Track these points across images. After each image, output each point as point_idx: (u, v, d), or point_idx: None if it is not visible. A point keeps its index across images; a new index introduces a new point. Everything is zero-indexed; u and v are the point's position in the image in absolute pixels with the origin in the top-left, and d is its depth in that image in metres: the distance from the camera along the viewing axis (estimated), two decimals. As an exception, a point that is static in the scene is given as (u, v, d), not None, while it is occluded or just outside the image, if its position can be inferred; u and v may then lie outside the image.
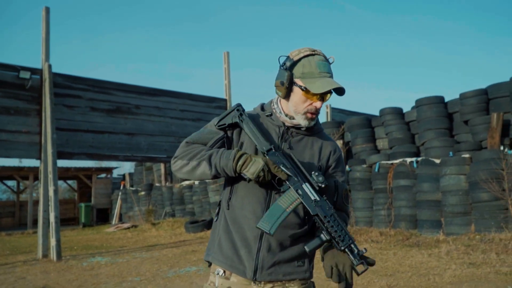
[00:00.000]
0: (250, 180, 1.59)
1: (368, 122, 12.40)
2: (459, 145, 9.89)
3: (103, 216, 20.82)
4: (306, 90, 1.64)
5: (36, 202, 15.52)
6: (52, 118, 9.35)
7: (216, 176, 1.65)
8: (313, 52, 1.68)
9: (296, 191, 1.59)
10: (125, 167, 30.58)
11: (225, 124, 1.73)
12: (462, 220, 8.63)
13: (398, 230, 9.43)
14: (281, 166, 1.59)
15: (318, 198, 1.57)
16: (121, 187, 21.05)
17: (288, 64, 1.69)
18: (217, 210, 1.83)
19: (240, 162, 1.58)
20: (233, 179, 1.73)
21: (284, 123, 1.76)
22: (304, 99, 1.68)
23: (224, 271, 1.71)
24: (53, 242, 8.64)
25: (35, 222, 15.13)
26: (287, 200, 1.58)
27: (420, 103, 10.92)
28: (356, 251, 1.51)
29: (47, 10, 9.50)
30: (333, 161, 1.81)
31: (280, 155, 1.63)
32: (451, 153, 9.80)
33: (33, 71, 9.54)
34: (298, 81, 1.68)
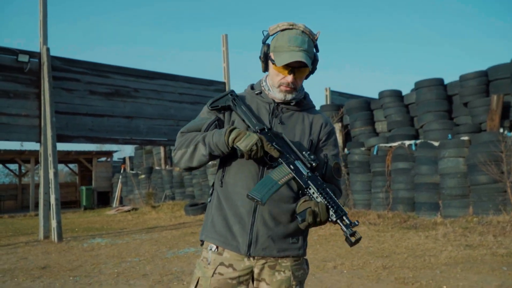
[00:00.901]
0: (242, 155, 1.59)
1: (367, 105, 12.38)
2: (458, 128, 9.89)
3: (104, 199, 20.96)
4: (274, 63, 1.67)
5: (37, 185, 15.61)
6: (51, 102, 9.35)
7: (212, 156, 1.65)
8: (291, 27, 1.68)
9: (288, 166, 1.59)
10: (125, 151, 30.70)
11: (218, 106, 1.75)
12: (460, 203, 8.67)
13: (396, 213, 9.49)
14: (273, 144, 1.60)
15: (309, 174, 1.58)
16: (122, 171, 21.14)
17: (265, 38, 1.73)
18: (210, 191, 1.84)
19: (232, 135, 1.58)
20: (226, 159, 1.73)
21: (274, 100, 1.76)
22: (276, 72, 1.70)
23: (217, 247, 1.71)
24: (54, 223, 8.73)
25: (37, 205, 15.25)
26: (279, 174, 1.58)
27: (419, 85, 10.88)
28: (348, 222, 1.51)
29: (44, -8, 9.41)
30: (324, 135, 1.81)
31: (273, 134, 1.64)
32: (450, 135, 9.80)
33: (32, 54, 9.50)
34: (271, 54, 1.70)
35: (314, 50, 1.73)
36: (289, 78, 1.68)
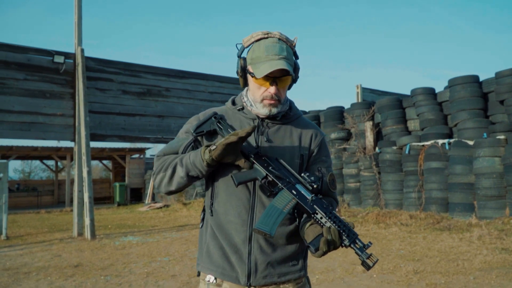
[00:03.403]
0: (240, 182, 1.51)
1: (399, 102, 12.12)
2: (494, 126, 9.54)
3: (136, 196, 21.42)
4: (254, 76, 1.57)
5: (73, 181, 16.12)
6: (85, 101, 9.60)
7: (190, 177, 1.56)
8: (266, 36, 1.59)
9: (290, 191, 1.50)
10: (158, 148, 31.14)
11: (203, 131, 1.63)
12: (496, 204, 8.40)
13: (428, 213, 9.28)
14: (270, 169, 1.52)
15: (313, 197, 1.49)
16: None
17: (241, 51, 1.63)
18: (201, 216, 1.74)
19: (211, 147, 1.49)
20: (213, 181, 1.64)
21: (258, 116, 1.65)
22: (257, 86, 1.59)
23: (216, 278, 1.63)
24: (87, 221, 8.98)
25: (72, 200, 15.74)
26: (283, 201, 1.49)
27: (453, 83, 10.56)
28: (361, 245, 1.43)
29: (78, -5, 9.65)
30: (315, 147, 1.71)
31: (267, 158, 1.55)
32: (485, 134, 9.48)
33: (67, 55, 9.78)
34: (249, 67, 1.61)
35: (294, 58, 1.63)
36: (272, 89, 1.57)
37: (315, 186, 1.50)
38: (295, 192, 1.50)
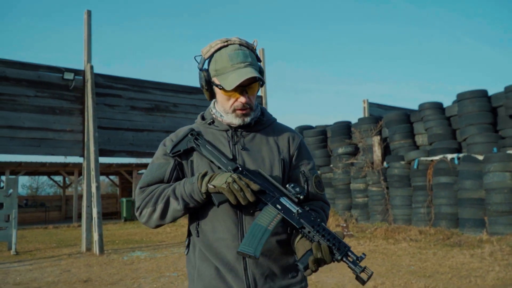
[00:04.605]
0: (220, 202, 1.42)
1: (406, 117, 12.12)
2: (504, 141, 9.51)
3: (143, 211, 21.37)
4: (222, 89, 1.50)
5: (80, 197, 16.15)
6: (94, 117, 9.68)
7: (187, 208, 1.49)
8: (225, 43, 1.52)
9: (275, 206, 1.43)
10: (164, 163, 31.18)
11: (179, 150, 1.56)
12: (508, 219, 8.31)
13: (438, 229, 9.20)
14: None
15: (300, 210, 1.42)
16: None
17: (202, 63, 1.57)
18: (186, 242, 1.64)
19: (206, 178, 1.43)
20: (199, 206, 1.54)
21: (230, 126, 1.59)
22: (226, 97, 1.53)
23: None
24: (95, 236, 8.97)
25: (80, 216, 15.76)
26: (267, 218, 1.41)
27: (462, 97, 10.56)
28: (354, 258, 1.34)
29: (89, 13, 9.81)
30: (295, 150, 1.64)
31: (248, 172, 1.48)
32: (495, 149, 9.44)
33: (76, 72, 9.90)
34: (214, 79, 1.54)
35: (257, 62, 1.57)
36: (243, 99, 1.51)
37: (301, 197, 1.44)
38: (279, 207, 1.43)
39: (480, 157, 9.11)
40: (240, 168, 1.48)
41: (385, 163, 11.56)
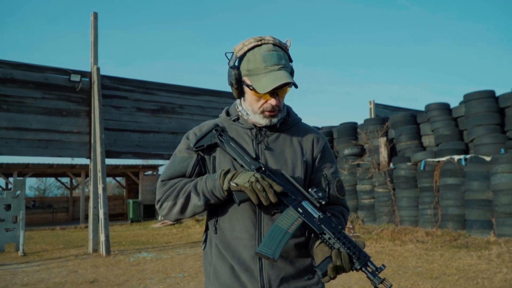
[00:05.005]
0: (241, 201, 1.41)
1: (413, 118, 12.06)
2: (511, 142, 9.43)
3: (149, 212, 21.43)
4: (254, 90, 1.47)
5: (87, 198, 16.23)
6: (101, 119, 9.73)
7: (208, 205, 1.48)
8: (259, 42, 1.48)
9: (296, 209, 1.41)
10: (170, 164, 31.19)
11: (203, 145, 1.55)
12: (515, 221, 8.23)
13: (445, 230, 9.13)
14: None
15: (321, 215, 1.40)
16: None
17: (233, 61, 1.53)
18: (203, 237, 1.63)
19: (228, 176, 1.42)
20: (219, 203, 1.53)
21: (255, 125, 1.57)
22: (256, 98, 1.50)
23: None
24: (102, 237, 9.01)
25: (86, 217, 15.83)
26: (288, 220, 1.40)
27: (469, 98, 10.49)
28: (374, 268, 1.33)
29: (95, 15, 9.87)
30: (318, 152, 1.62)
31: (271, 173, 1.47)
32: (502, 150, 9.36)
33: (83, 74, 9.97)
34: (246, 79, 1.51)
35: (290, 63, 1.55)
36: (273, 101, 1.49)
37: (323, 202, 1.42)
38: (301, 211, 1.41)
39: (488, 158, 9.04)
40: (263, 168, 1.46)
41: (391, 164, 11.50)
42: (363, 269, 1.33)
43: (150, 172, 23.37)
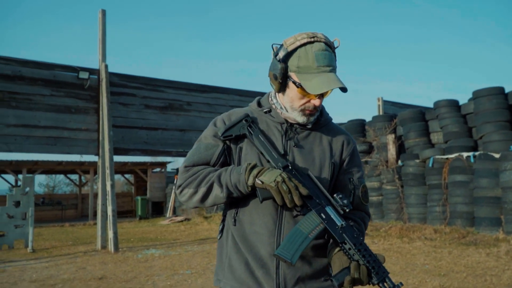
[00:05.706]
0: (264, 198, 1.38)
1: (421, 115, 11.99)
2: (521, 139, 9.34)
3: (158, 209, 21.55)
4: (301, 88, 1.43)
5: (96, 195, 16.35)
6: (109, 116, 9.77)
7: (229, 197, 1.46)
8: (312, 39, 1.43)
9: (319, 214, 1.38)
10: (178, 162, 31.35)
11: (231, 135, 1.51)
12: (525, 218, 8.16)
13: (453, 228, 9.08)
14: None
15: (344, 224, 1.37)
16: (175, 181, 21.62)
17: (282, 54, 1.45)
18: (220, 227, 1.61)
19: (254, 171, 1.38)
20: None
21: (286, 120, 1.54)
22: (300, 96, 1.46)
23: None
24: (110, 234, 9.07)
25: (95, 214, 15.94)
26: (309, 225, 1.37)
27: (478, 95, 10.40)
28: (391, 286, 1.30)
29: (103, 12, 9.90)
30: (347, 155, 1.59)
31: (297, 173, 1.43)
32: (511, 147, 9.28)
33: (91, 71, 10.01)
34: (293, 75, 1.45)
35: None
36: (317, 102, 1.46)
37: (347, 210, 1.39)
38: (324, 216, 1.38)
39: (497, 155, 8.96)
40: (290, 167, 1.43)
41: (399, 162, 11.45)
42: (381, 284, 1.31)
43: (158, 169, 23.46)
